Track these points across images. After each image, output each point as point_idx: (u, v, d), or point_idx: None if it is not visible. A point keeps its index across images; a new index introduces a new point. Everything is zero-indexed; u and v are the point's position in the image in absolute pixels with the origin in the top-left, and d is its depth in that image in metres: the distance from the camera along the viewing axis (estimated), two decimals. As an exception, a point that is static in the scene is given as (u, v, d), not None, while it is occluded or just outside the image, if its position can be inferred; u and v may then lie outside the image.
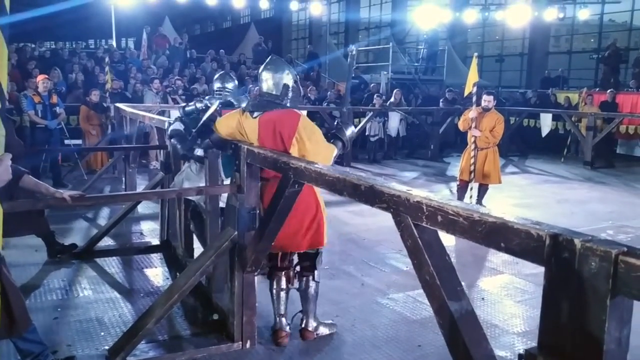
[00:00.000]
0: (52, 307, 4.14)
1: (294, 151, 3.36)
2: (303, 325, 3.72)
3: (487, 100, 7.13)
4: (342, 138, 3.55)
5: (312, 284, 3.69)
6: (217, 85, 4.71)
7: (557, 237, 1.42)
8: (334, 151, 3.47)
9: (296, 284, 3.73)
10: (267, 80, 3.52)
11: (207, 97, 4.55)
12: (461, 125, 7.35)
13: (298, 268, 3.74)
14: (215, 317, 3.94)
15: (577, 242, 1.37)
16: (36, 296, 4.35)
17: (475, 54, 8.20)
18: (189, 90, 12.05)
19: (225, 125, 3.60)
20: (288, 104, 3.51)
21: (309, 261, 3.69)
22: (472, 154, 7.10)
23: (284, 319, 3.69)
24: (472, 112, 7.08)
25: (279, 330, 3.66)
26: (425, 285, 1.91)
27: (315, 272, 3.70)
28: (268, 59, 3.69)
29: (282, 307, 3.69)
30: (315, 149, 3.36)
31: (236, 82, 4.90)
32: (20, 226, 4.43)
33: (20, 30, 12.34)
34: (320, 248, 3.68)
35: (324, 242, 3.63)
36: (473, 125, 7.06)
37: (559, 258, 1.41)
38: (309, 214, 3.51)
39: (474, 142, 7.09)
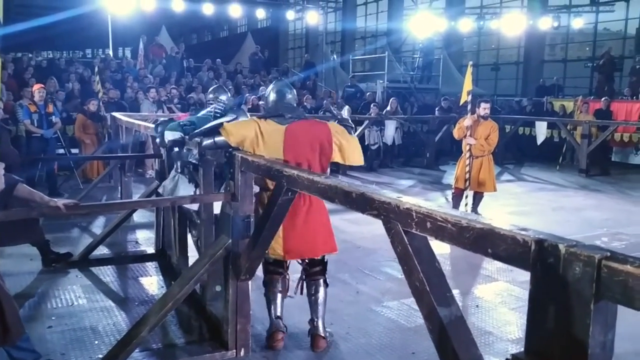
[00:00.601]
0: (46, 315, 4.15)
1: (337, 156, 3.56)
2: (315, 331, 3.68)
3: (485, 108, 7.17)
4: (350, 125, 3.77)
5: (322, 288, 3.71)
6: (209, 96, 4.77)
7: (543, 242, 1.44)
8: (357, 140, 3.74)
9: (290, 290, 3.74)
10: (282, 94, 3.68)
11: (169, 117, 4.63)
12: (456, 134, 7.39)
13: (304, 276, 3.75)
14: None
15: (562, 247, 1.39)
16: (30, 305, 4.35)
17: (471, 62, 8.23)
18: (185, 100, 12.06)
19: (238, 134, 3.44)
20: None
21: (319, 266, 3.72)
22: (467, 162, 7.12)
23: (280, 321, 3.69)
24: (467, 120, 7.11)
25: (275, 332, 3.66)
26: (415, 291, 1.93)
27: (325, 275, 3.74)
28: (276, 80, 3.89)
29: (279, 310, 3.69)
30: (351, 146, 3.60)
31: (229, 94, 4.95)
32: (15, 235, 4.43)
33: (18, 40, 12.38)
34: (334, 253, 3.74)
35: (337, 247, 3.71)
36: (468, 133, 7.09)
37: (544, 263, 1.43)
38: (322, 220, 3.60)
39: (469, 150, 7.12)
